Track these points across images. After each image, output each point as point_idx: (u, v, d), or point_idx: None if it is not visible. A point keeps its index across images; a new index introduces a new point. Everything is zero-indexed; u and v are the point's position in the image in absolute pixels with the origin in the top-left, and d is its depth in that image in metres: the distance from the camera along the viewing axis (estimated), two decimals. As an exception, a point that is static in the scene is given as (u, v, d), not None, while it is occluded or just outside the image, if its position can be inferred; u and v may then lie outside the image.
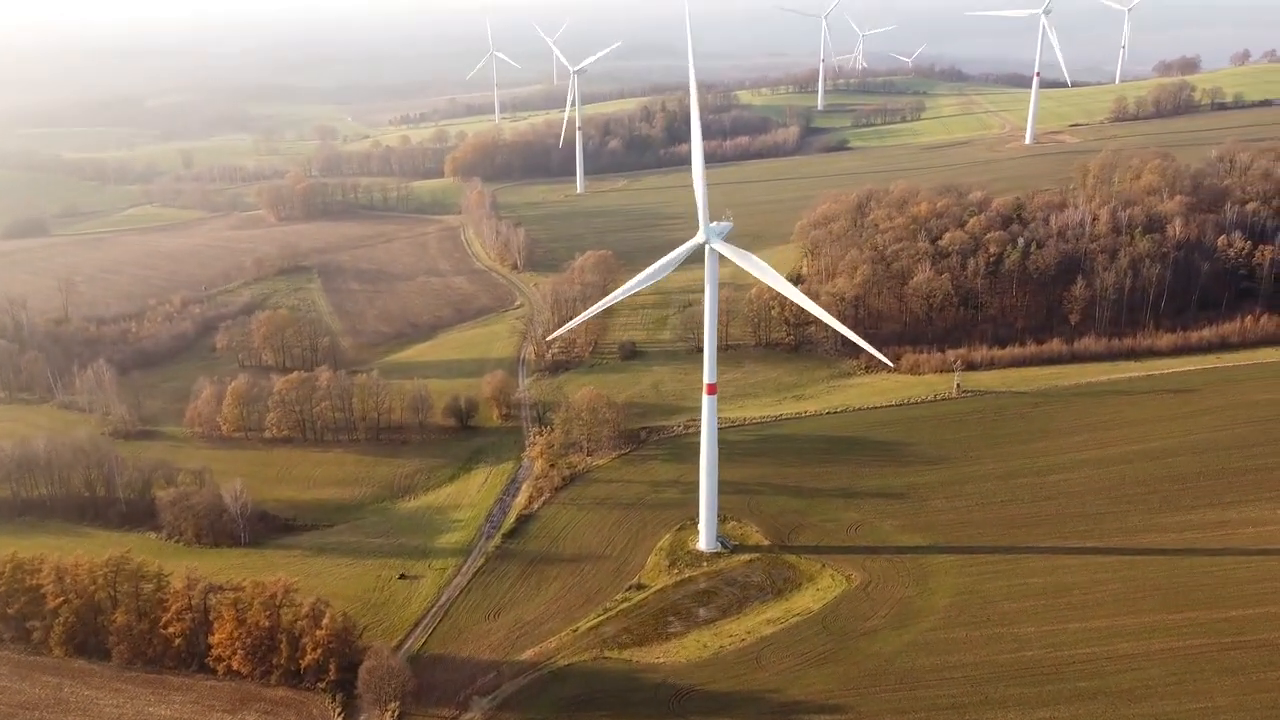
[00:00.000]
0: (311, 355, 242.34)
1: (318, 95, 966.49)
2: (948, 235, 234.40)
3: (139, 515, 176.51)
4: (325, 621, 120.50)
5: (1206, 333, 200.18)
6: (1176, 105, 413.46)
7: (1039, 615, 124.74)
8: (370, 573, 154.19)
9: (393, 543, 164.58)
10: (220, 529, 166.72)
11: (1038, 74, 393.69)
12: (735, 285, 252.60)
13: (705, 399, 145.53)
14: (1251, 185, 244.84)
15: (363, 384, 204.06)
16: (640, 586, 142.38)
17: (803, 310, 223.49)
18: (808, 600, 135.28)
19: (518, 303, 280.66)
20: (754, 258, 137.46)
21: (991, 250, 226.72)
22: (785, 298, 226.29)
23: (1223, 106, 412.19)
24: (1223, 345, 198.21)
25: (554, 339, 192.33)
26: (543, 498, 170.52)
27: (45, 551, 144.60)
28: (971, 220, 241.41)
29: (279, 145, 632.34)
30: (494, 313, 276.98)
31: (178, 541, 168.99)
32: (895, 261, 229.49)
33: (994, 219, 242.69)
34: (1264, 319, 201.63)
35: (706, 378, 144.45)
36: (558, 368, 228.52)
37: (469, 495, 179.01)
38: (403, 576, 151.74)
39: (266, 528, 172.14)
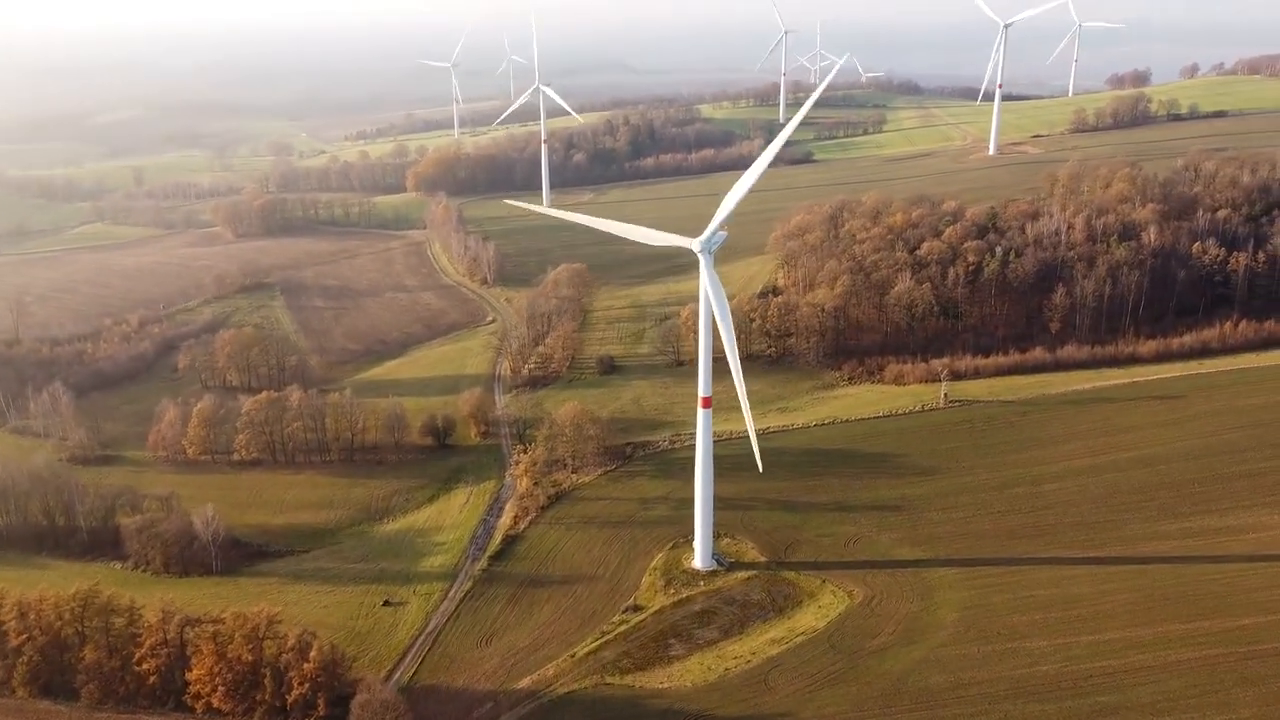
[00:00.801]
0: (279, 374, 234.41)
1: (269, 111, 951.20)
2: (926, 245, 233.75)
3: (102, 544, 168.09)
4: (313, 654, 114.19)
5: (1187, 339, 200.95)
6: (1134, 117, 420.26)
7: (1050, 628, 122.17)
8: (352, 600, 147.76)
9: (373, 568, 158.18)
10: (190, 557, 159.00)
11: (1000, 85, 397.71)
12: (740, 295, 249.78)
13: (700, 412, 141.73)
14: (1220, 193, 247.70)
15: (336, 403, 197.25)
16: (637, 608, 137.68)
17: (783, 322, 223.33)
18: (811, 618, 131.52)
19: (489, 318, 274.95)
20: (721, 289, 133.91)
21: (970, 259, 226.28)
22: (766, 309, 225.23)
23: (1178, 117, 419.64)
24: (1204, 351, 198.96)
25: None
26: (528, 517, 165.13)
27: (4, 585, 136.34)
28: (948, 230, 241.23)
29: (233, 161, 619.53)
30: (465, 328, 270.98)
31: (144, 571, 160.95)
32: (875, 272, 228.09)
33: (969, 228, 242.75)
34: (1242, 325, 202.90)
35: (702, 390, 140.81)
36: (535, 383, 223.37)
37: (450, 516, 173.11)
38: (387, 603, 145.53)
39: (239, 555, 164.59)
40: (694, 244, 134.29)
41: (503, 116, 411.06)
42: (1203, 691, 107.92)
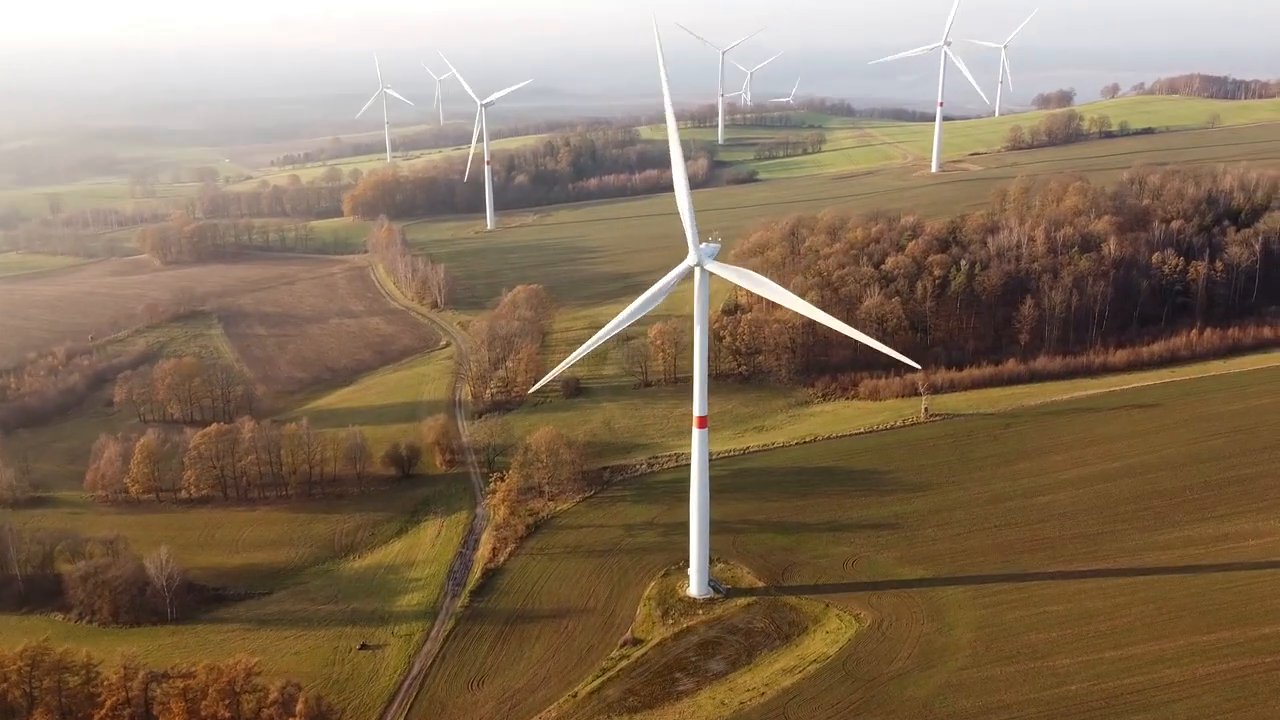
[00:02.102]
0: (224, 406, 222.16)
1: (188, 138, 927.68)
2: (890, 259, 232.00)
3: (41, 594, 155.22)
4: (299, 708, 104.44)
5: (1156, 347, 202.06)
6: (1067, 134, 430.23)
7: (1070, 646, 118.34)
8: (325, 644, 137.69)
9: (345, 609, 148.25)
10: (143, 605, 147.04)
11: (941, 104, 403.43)
12: (681, 315, 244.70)
13: (695, 433, 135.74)
14: (1170, 205, 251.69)
15: (292, 434, 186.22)
16: (636, 641, 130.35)
17: (753, 339, 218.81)
18: (820, 645, 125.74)
19: (443, 342, 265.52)
20: (754, 275, 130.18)
21: (936, 273, 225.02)
22: (735, 326, 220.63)
23: (1110, 135, 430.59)
24: (1173, 359, 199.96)
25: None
26: (508, 549, 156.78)
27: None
28: (910, 244, 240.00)
29: (155, 188, 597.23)
30: (419, 354, 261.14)
31: (90, 622, 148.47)
32: (842, 287, 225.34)
33: (931, 243, 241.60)
34: (1207, 332, 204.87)
35: (697, 410, 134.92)
36: (498, 408, 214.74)
37: (423, 550, 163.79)
38: (364, 647, 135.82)
39: (194, 600, 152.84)
40: (691, 258, 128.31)
41: (474, 142, 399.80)
42: (1238, 705, 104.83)
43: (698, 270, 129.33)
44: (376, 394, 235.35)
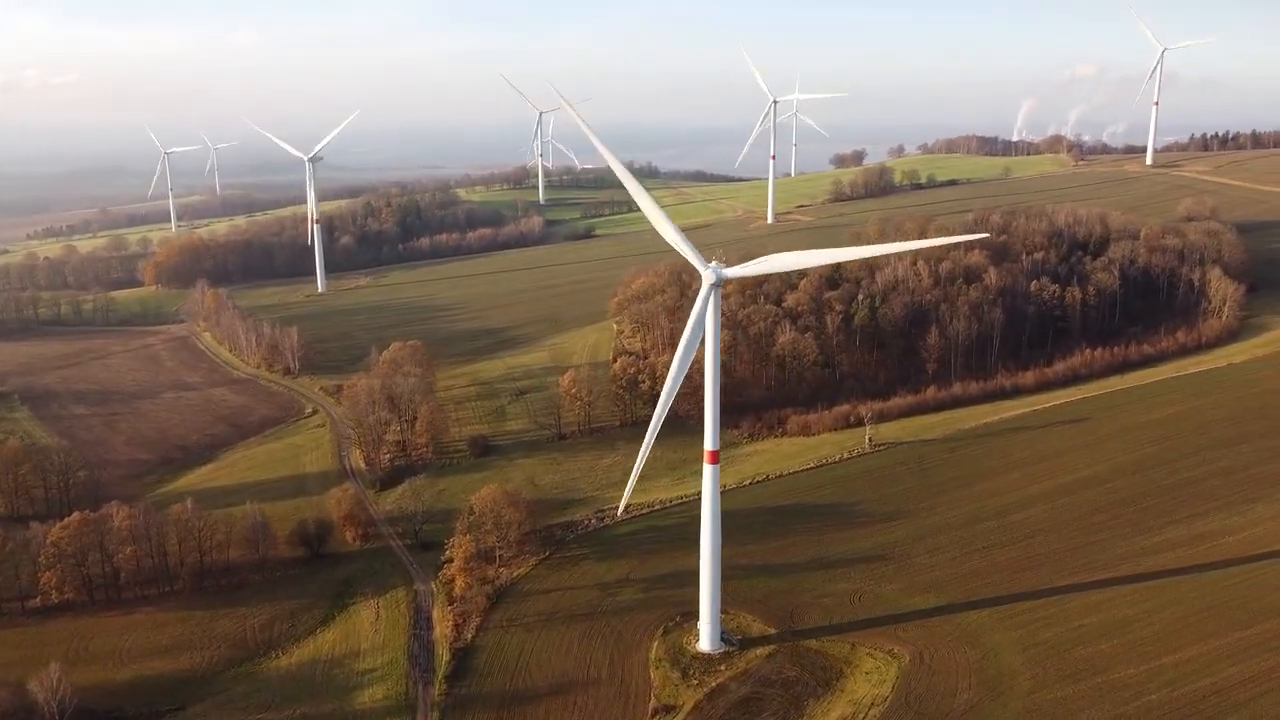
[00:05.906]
0: (62, 495, 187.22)
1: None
2: (790, 297, 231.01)
3: None
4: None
5: (1059, 368, 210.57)
6: (882, 186, 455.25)
7: (1126, 656, 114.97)
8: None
9: (290, 715, 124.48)
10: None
11: (774, 157, 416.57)
12: (589, 363, 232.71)
13: (707, 469, 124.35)
14: (1028, 239, 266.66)
15: (180, 518, 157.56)
16: (667, 708, 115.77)
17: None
18: (867, 687, 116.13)
19: (309, 410, 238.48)
20: (775, 256, 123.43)
21: (838, 308, 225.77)
22: (654, 370, 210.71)
23: (919, 186, 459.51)
24: (1075, 378, 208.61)
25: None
26: (474, 624, 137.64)
27: None
28: (802, 282, 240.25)
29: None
30: (283, 423, 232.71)
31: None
32: (750, 326, 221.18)
33: (820, 281, 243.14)
34: (1099, 352, 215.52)
35: (708, 444, 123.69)
36: (400, 474, 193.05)
37: (364, 637, 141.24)
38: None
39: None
40: (708, 272, 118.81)
41: (311, 201, 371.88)
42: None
43: (709, 289, 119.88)
44: (247, 470, 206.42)
